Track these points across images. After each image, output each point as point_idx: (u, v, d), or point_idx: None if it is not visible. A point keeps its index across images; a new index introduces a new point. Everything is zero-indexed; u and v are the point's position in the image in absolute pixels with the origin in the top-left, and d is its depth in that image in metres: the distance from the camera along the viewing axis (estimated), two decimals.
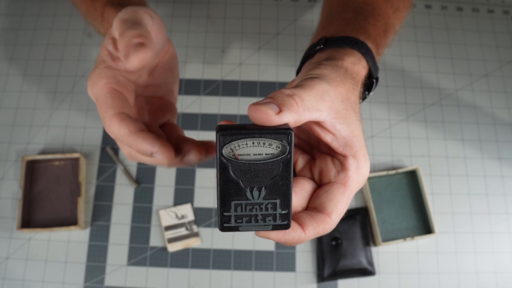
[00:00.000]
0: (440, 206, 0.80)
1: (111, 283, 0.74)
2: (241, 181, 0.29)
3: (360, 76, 0.40)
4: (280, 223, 0.31)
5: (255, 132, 0.28)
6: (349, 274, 0.74)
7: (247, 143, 0.29)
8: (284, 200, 0.30)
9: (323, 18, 0.52)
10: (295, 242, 0.31)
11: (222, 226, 0.30)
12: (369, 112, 0.85)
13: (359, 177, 0.33)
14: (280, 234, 0.31)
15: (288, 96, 0.30)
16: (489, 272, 0.76)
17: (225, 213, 0.30)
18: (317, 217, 0.32)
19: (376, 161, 0.82)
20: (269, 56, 0.89)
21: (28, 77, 0.88)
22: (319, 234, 0.32)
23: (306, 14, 0.93)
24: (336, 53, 0.40)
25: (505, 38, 0.92)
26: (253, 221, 0.31)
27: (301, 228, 0.31)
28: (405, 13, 0.52)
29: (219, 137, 0.28)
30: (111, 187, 0.80)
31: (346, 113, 0.33)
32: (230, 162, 0.29)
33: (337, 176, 0.33)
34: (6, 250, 0.76)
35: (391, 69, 0.89)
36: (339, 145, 0.33)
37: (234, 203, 0.30)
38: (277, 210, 0.30)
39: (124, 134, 0.32)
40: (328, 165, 0.34)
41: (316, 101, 0.31)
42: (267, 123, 0.29)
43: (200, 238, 0.77)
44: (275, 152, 0.29)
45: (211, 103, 0.85)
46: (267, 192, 0.30)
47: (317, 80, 0.33)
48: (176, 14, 0.93)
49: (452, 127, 0.85)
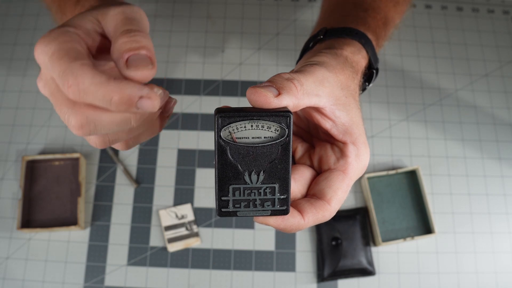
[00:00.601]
0: (440, 206, 0.80)
1: (111, 283, 0.74)
2: (240, 165, 0.29)
3: (360, 66, 0.40)
4: (278, 208, 0.30)
5: (254, 114, 0.28)
6: (349, 274, 0.74)
7: (245, 125, 0.28)
8: (282, 184, 0.30)
9: (323, 10, 0.52)
10: (294, 228, 0.31)
11: (220, 211, 0.30)
12: (369, 112, 0.85)
13: (359, 164, 0.33)
14: (279, 220, 0.31)
15: (287, 80, 0.30)
16: (489, 272, 0.76)
17: (223, 197, 0.30)
18: (316, 203, 0.31)
19: (376, 161, 0.82)
20: (269, 56, 0.89)
21: (28, 77, 0.88)
22: (318, 221, 0.32)
23: (306, 14, 0.93)
24: (336, 43, 0.40)
25: (505, 38, 0.92)
26: (251, 206, 0.30)
27: (300, 215, 0.31)
28: (405, 7, 0.52)
29: (217, 119, 0.28)
30: (111, 187, 0.80)
31: (345, 100, 0.33)
32: (228, 144, 0.29)
33: (336, 163, 0.33)
34: (6, 250, 0.76)
35: (391, 69, 0.89)
36: (339, 132, 0.33)
37: (232, 187, 0.30)
38: (275, 195, 0.30)
39: (101, 82, 0.25)
40: (328, 152, 0.34)
41: (315, 86, 0.31)
42: (265, 105, 0.28)
43: (200, 238, 0.77)
44: (273, 135, 0.29)
45: (211, 103, 0.85)
46: (266, 176, 0.30)
47: (316, 66, 0.33)
48: (176, 14, 0.93)
49: (452, 127, 0.85)
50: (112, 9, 0.30)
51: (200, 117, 0.85)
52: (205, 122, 0.84)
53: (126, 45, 0.27)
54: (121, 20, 0.29)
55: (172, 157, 0.82)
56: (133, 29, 0.28)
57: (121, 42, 0.27)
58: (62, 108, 0.28)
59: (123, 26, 0.28)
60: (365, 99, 0.86)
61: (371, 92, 0.87)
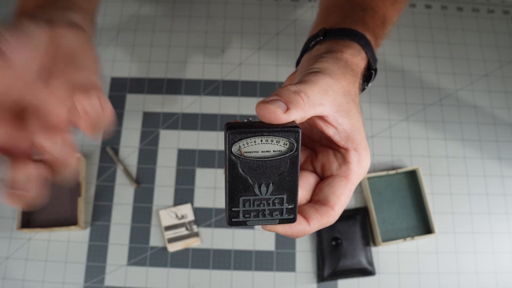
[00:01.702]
0: (440, 206, 0.80)
1: (111, 283, 0.74)
2: (250, 178, 0.30)
3: (359, 68, 0.40)
4: (286, 217, 0.31)
5: (264, 130, 0.29)
6: (349, 274, 0.74)
7: (255, 140, 0.29)
8: (290, 195, 0.31)
9: (322, 8, 0.52)
10: (301, 234, 0.32)
11: (230, 220, 0.31)
12: (369, 112, 0.85)
13: (360, 169, 0.34)
14: (286, 227, 0.32)
15: (294, 93, 0.31)
16: (489, 272, 0.76)
17: (234, 208, 0.31)
18: (321, 209, 0.32)
19: (376, 161, 0.82)
20: (269, 56, 0.89)
21: None
22: (323, 226, 0.33)
23: (306, 14, 0.93)
24: (335, 45, 0.40)
25: (505, 38, 0.92)
26: (260, 216, 0.31)
27: (306, 221, 0.32)
28: (403, 5, 0.52)
29: (228, 135, 0.29)
30: (111, 187, 0.80)
31: (347, 106, 0.34)
32: (239, 159, 0.29)
33: (339, 169, 0.34)
34: (6, 250, 0.76)
35: (391, 69, 0.89)
36: (341, 138, 0.34)
37: (242, 198, 0.31)
38: (283, 205, 0.31)
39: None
40: (330, 159, 0.35)
41: (320, 96, 0.32)
42: (275, 121, 0.29)
43: (200, 238, 0.77)
44: (282, 149, 0.30)
45: (211, 103, 0.85)
46: (275, 187, 0.31)
47: (320, 75, 0.34)
48: (176, 14, 0.93)
49: (452, 127, 0.85)
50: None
51: (200, 117, 0.85)
52: (205, 122, 0.84)
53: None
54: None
55: (172, 157, 0.82)
56: None
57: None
58: None
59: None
60: (365, 99, 0.86)
61: (371, 92, 0.87)
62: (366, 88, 0.45)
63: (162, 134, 0.83)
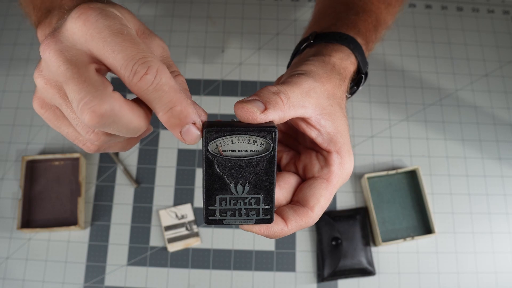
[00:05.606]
0: (440, 206, 0.80)
1: (111, 283, 0.74)
2: (226, 176, 0.30)
3: (348, 72, 0.40)
4: (263, 217, 0.32)
5: (240, 129, 0.29)
6: (349, 274, 0.74)
7: (232, 139, 0.29)
8: (267, 195, 0.31)
9: (316, 11, 0.52)
10: (278, 235, 0.32)
11: (207, 219, 0.31)
12: (369, 112, 0.85)
13: (342, 172, 0.34)
14: (263, 228, 0.32)
15: (274, 93, 0.31)
16: (489, 272, 0.76)
17: (210, 206, 0.31)
18: (299, 211, 0.32)
19: (376, 161, 0.82)
20: (269, 56, 0.89)
21: (28, 77, 0.87)
22: (301, 227, 0.32)
23: (306, 14, 0.93)
24: (324, 48, 0.40)
25: (505, 38, 0.92)
26: (237, 215, 0.31)
27: (283, 222, 0.32)
28: (398, 8, 0.52)
29: (205, 133, 0.29)
30: (111, 187, 0.80)
31: (331, 109, 0.34)
32: (215, 157, 0.30)
33: (320, 171, 0.34)
34: (6, 250, 0.76)
35: (391, 69, 0.89)
36: (324, 140, 0.34)
37: (219, 197, 0.31)
38: (260, 205, 0.31)
39: (174, 86, 0.25)
40: (312, 160, 0.35)
41: (302, 98, 0.32)
42: (252, 121, 0.29)
43: (200, 238, 0.77)
44: (259, 148, 0.30)
45: (211, 103, 0.85)
46: (251, 187, 0.31)
47: (303, 77, 0.34)
48: (176, 14, 0.93)
49: (452, 127, 0.85)
50: (158, 40, 0.32)
51: None
52: None
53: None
54: (165, 59, 0.32)
55: (172, 157, 0.82)
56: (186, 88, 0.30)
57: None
58: (70, 127, 0.29)
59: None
60: (365, 99, 0.86)
61: (371, 92, 0.87)
62: (356, 92, 0.45)
63: (162, 134, 0.83)
